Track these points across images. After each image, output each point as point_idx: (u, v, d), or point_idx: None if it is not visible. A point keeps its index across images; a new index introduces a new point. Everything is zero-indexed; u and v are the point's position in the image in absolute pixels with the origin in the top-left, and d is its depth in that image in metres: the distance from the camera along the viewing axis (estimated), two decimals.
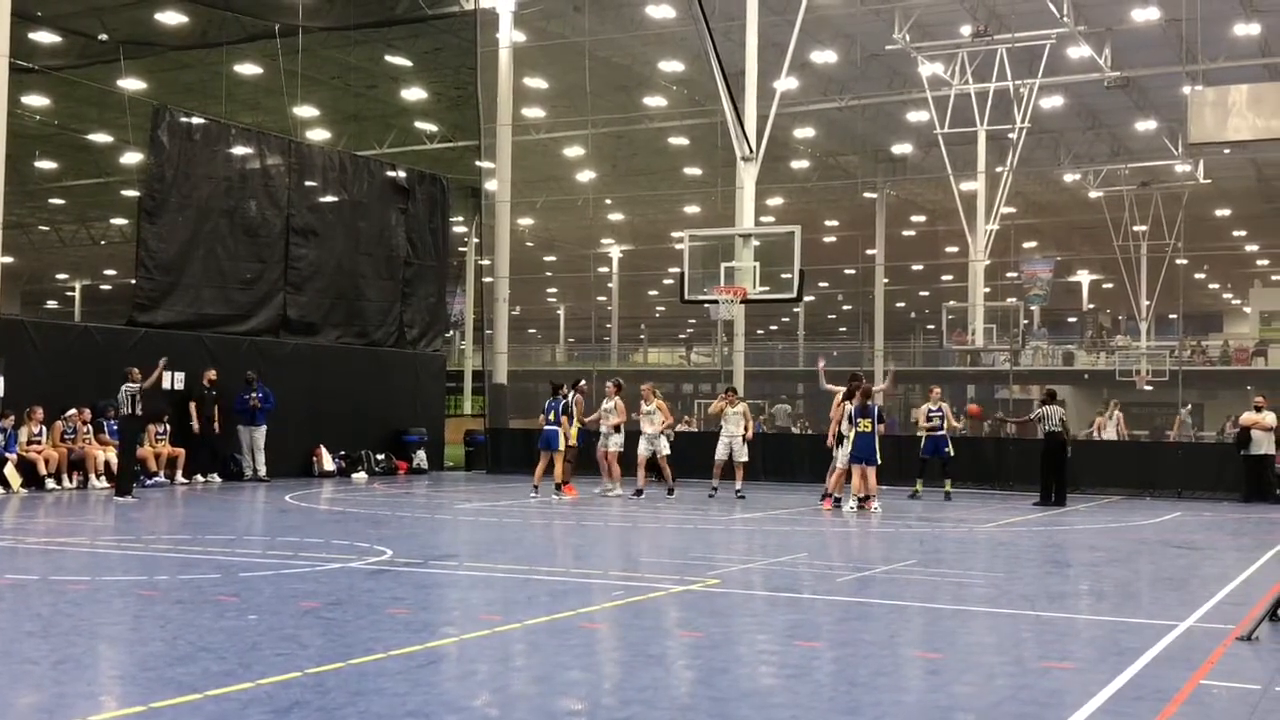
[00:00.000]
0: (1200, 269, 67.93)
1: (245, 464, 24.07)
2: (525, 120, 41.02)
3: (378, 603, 9.83)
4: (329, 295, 26.94)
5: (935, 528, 17.03)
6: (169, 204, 23.71)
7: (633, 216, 60.64)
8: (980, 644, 8.84)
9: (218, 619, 8.91)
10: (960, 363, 55.45)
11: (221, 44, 33.66)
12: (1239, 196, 56.10)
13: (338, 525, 16.42)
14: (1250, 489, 22.90)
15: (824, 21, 35.53)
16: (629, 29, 36.78)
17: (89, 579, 10.99)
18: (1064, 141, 49.35)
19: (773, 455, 27.10)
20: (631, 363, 76.87)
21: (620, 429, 21.71)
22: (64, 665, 7.49)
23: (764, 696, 7.08)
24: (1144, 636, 8.85)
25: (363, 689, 6.88)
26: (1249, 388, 45.39)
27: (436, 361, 30.20)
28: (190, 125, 24.56)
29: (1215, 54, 35.68)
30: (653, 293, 75.81)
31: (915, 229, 61.40)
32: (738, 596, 10.76)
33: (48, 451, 21.00)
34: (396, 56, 37.76)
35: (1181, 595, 11.44)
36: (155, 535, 14.82)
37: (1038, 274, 57.11)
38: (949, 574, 12.51)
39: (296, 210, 26.25)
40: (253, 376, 23.89)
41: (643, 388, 22.27)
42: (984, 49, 37.13)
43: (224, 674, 7.14)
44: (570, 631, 8.86)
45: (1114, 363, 54.42)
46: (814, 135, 47.30)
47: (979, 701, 7.04)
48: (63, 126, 42.57)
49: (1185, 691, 7.23)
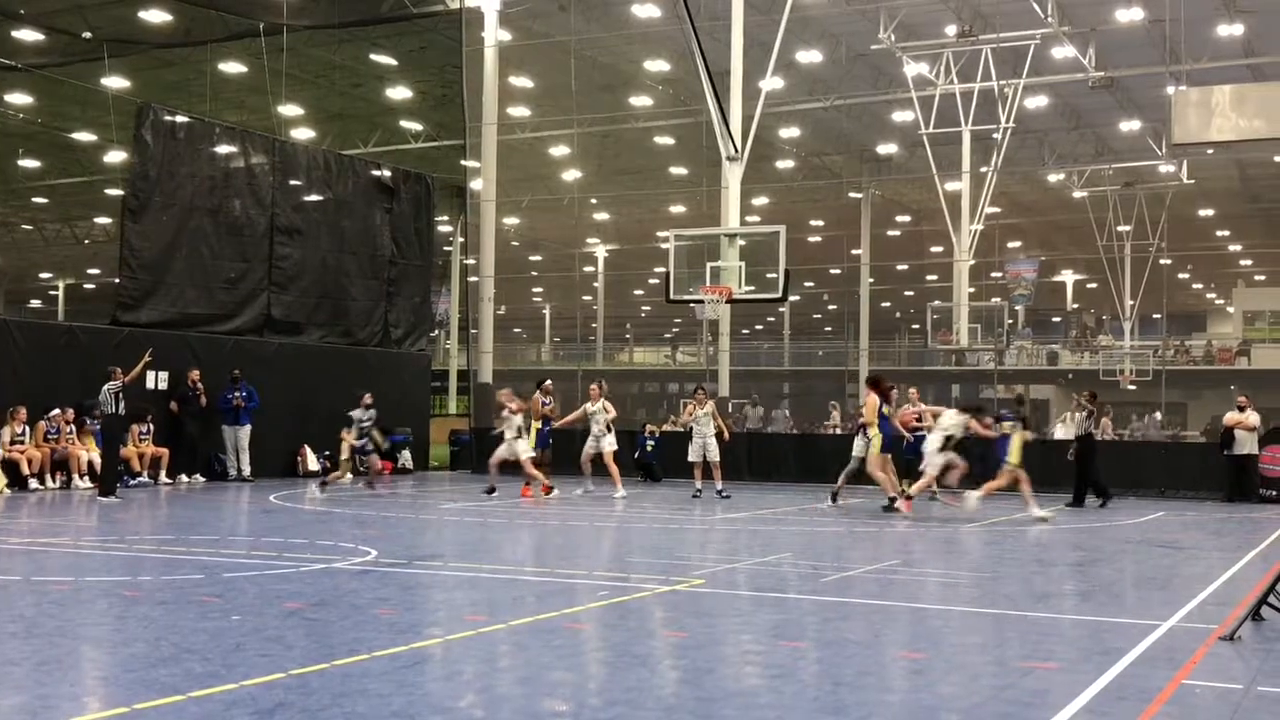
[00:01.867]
0: (1184, 269, 68.15)
1: (229, 464, 24.01)
2: (510, 119, 40.99)
3: (362, 603, 9.81)
4: (313, 294, 26.89)
5: (920, 527, 17.06)
6: (153, 203, 23.64)
7: (618, 216, 60.63)
8: (964, 644, 8.86)
9: (201, 620, 8.88)
10: (945, 362, 55.60)
11: (206, 42, 33.57)
12: (1222, 197, 56.31)
13: (322, 525, 16.38)
14: (1233, 488, 22.98)
15: (809, 21, 35.59)
16: (614, 28, 36.77)
17: (72, 579, 10.95)
18: (1048, 141, 49.48)
19: (758, 455, 27.12)
20: (617, 362, 76.82)
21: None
22: (47, 666, 7.46)
23: (749, 697, 7.09)
24: (1127, 636, 8.87)
25: (347, 690, 6.87)
26: (1232, 387, 45.54)
27: (421, 361, 30.16)
28: (174, 124, 24.49)
29: (1199, 54, 35.80)
30: (638, 292, 75.81)
31: (900, 229, 61.51)
32: (723, 596, 10.77)
33: (31, 451, 20.92)
34: (381, 55, 37.70)
35: (1164, 595, 11.47)
36: (139, 536, 14.78)
37: (1022, 274, 57.30)
38: (933, 574, 12.54)
39: (281, 209, 26.19)
40: (237, 375, 23.83)
41: (591, 387, 22.20)
42: (969, 49, 37.22)
43: (207, 675, 7.12)
44: (555, 632, 8.85)
45: (1098, 362, 54.59)
46: (799, 135, 47.36)
47: (963, 701, 7.05)
48: (46, 125, 42.44)
49: (1168, 691, 7.25)
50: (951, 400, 43.86)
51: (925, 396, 23.37)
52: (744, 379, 51.03)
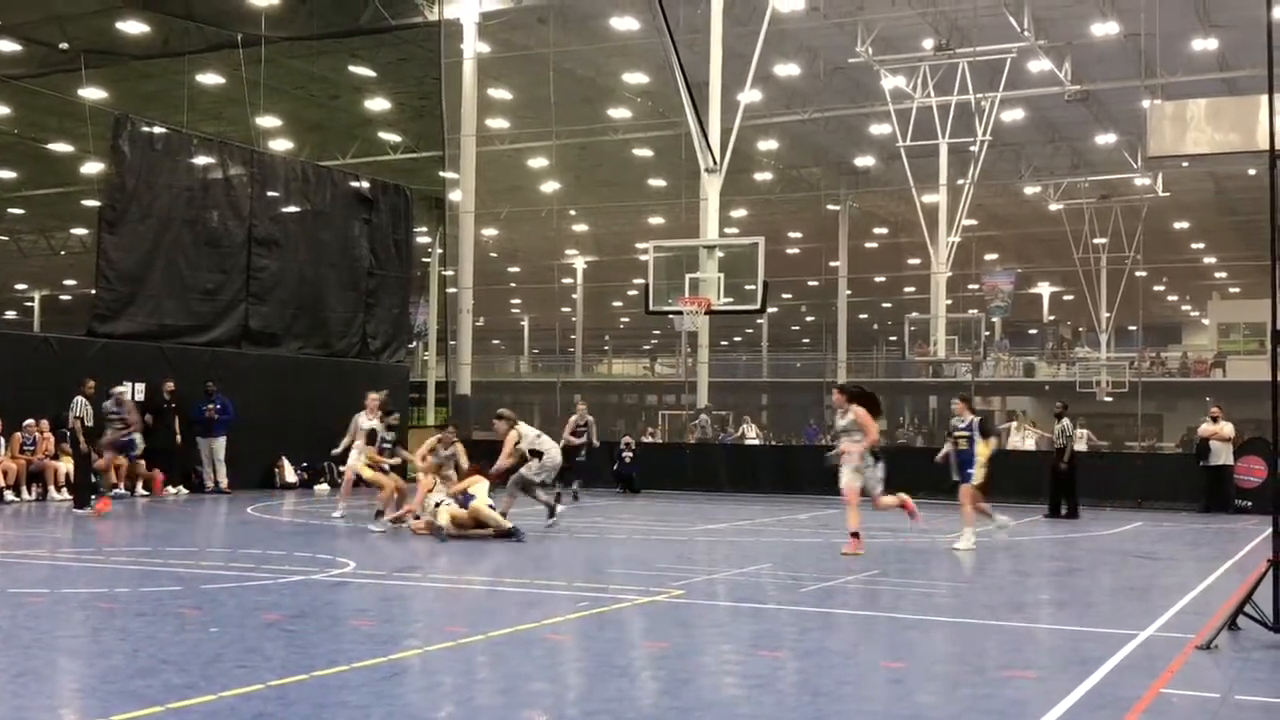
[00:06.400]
0: (1159, 281, 68.58)
1: (206, 475, 23.91)
2: (489, 131, 41.06)
3: (341, 615, 9.78)
4: (291, 306, 26.81)
5: (899, 538, 17.09)
6: (130, 214, 23.54)
7: (597, 228, 60.71)
8: (943, 653, 8.88)
9: (179, 631, 8.84)
10: (922, 374, 55.83)
11: (184, 53, 33.50)
12: (1197, 209, 56.73)
13: (300, 537, 16.32)
14: (1209, 499, 23.12)
15: (787, 35, 35.75)
16: (593, 41, 36.85)
17: (48, 591, 10.88)
18: (1025, 154, 49.77)
19: (736, 467, 27.16)
20: (596, 374, 76.90)
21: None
22: (23, 678, 7.42)
23: (728, 707, 7.09)
24: (1105, 645, 8.91)
25: (326, 701, 6.85)
26: (1207, 399, 45.84)
27: (400, 373, 30.08)
28: (152, 135, 24.42)
29: (1174, 68, 36.10)
30: (617, 304, 75.86)
31: (878, 241, 61.76)
32: (702, 607, 10.77)
33: (6, 463, 20.78)
34: (360, 67, 37.66)
35: (1142, 605, 11.53)
36: (115, 547, 14.70)
37: (999, 286, 57.52)
38: (913, 584, 12.56)
39: (259, 220, 26.12)
40: (212, 388, 23.74)
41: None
42: (946, 63, 37.44)
43: (185, 686, 7.09)
44: (535, 643, 8.85)
45: (1074, 374, 54.85)
46: (777, 147, 47.53)
47: (942, 711, 7.08)
48: (22, 136, 42.25)
49: (1146, 700, 7.28)
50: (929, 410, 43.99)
51: (901, 408, 23.37)
52: (723, 391, 51.15)
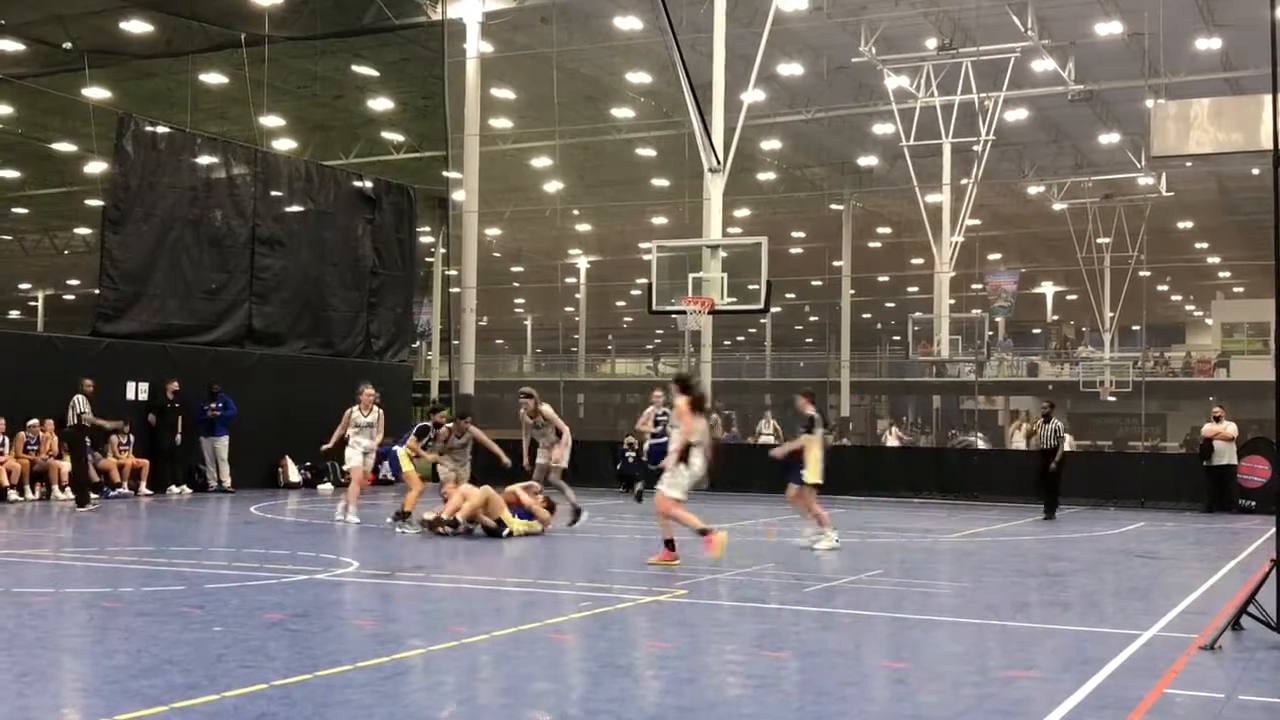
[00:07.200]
0: (1163, 281, 68.50)
1: (209, 475, 23.92)
2: (493, 131, 41.02)
3: (344, 614, 9.79)
4: (294, 305, 26.81)
5: (902, 538, 17.10)
6: (133, 213, 23.54)
7: (600, 227, 60.66)
8: (946, 653, 8.88)
9: (182, 631, 8.85)
10: (926, 374, 55.80)
11: (187, 53, 33.50)
12: (1201, 209, 56.63)
13: (303, 537, 16.34)
14: (1212, 499, 23.10)
15: (791, 34, 35.69)
16: (596, 40, 36.81)
17: (52, 591, 10.90)
18: (1028, 154, 49.69)
19: (733, 467, 27.10)
20: (599, 373, 76.90)
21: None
22: (28, 678, 7.43)
23: (731, 706, 7.09)
24: (1108, 646, 8.91)
25: (329, 701, 6.85)
26: (1210, 399, 45.82)
27: (403, 372, 30.08)
28: (155, 134, 24.42)
29: (1177, 68, 36.05)
30: (620, 303, 75.83)
31: (881, 241, 61.71)
32: (705, 607, 10.77)
33: (10, 463, 20.80)
34: (363, 66, 37.66)
35: (1145, 605, 11.52)
36: (119, 547, 14.71)
37: (1002, 286, 57.49)
38: (915, 584, 12.56)
39: (262, 220, 26.12)
40: (216, 389, 23.75)
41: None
42: (949, 62, 37.38)
43: (189, 686, 7.09)
44: (538, 642, 8.85)
45: (1078, 374, 54.83)
46: (781, 147, 47.48)
47: (945, 711, 7.08)
48: (26, 135, 42.27)
49: (1149, 700, 7.28)
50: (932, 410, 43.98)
51: (904, 408, 23.36)
52: (726, 390, 51.13)
